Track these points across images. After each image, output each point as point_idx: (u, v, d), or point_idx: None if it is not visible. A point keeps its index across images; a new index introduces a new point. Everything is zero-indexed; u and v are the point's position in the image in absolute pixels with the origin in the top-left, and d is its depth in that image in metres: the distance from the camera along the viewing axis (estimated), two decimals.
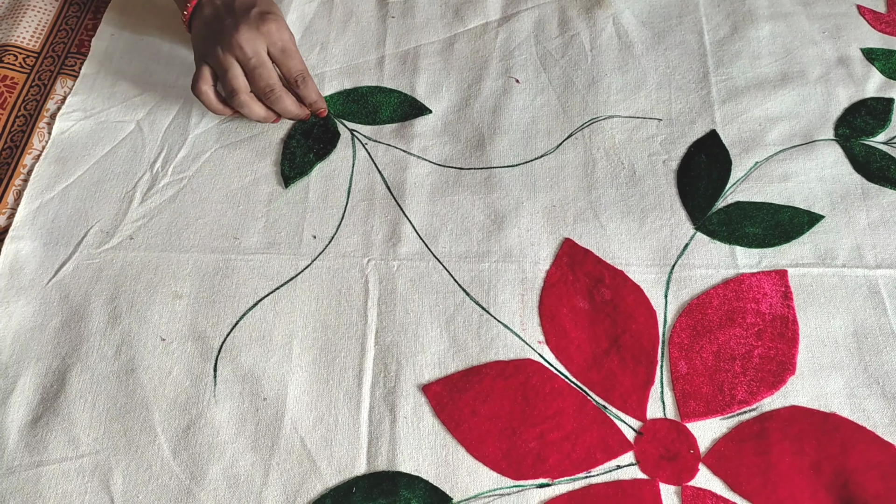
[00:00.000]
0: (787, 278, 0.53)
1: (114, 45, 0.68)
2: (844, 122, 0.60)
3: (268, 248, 0.56)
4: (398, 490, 0.46)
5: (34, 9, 0.69)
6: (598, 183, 0.58)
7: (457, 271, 0.54)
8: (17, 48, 0.66)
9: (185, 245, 0.56)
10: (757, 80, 0.63)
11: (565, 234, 0.56)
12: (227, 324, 0.52)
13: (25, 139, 0.61)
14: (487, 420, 0.48)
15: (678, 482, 0.46)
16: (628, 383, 0.50)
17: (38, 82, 0.65)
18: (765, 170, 0.58)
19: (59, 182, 0.59)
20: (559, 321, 0.52)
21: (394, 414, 0.49)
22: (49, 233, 0.57)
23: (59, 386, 0.50)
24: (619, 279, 0.53)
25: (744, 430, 0.48)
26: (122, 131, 0.62)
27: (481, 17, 0.69)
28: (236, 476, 0.47)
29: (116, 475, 0.47)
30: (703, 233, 0.56)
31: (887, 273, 0.53)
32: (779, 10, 0.68)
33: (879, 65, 0.63)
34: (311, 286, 0.54)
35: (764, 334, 0.51)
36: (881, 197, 0.57)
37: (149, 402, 0.50)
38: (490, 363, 0.51)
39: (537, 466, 0.47)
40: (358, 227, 0.57)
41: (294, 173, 0.59)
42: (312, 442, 0.48)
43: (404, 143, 0.61)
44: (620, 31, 0.67)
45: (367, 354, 0.51)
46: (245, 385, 0.50)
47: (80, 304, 0.53)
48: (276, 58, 0.57)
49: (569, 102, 0.63)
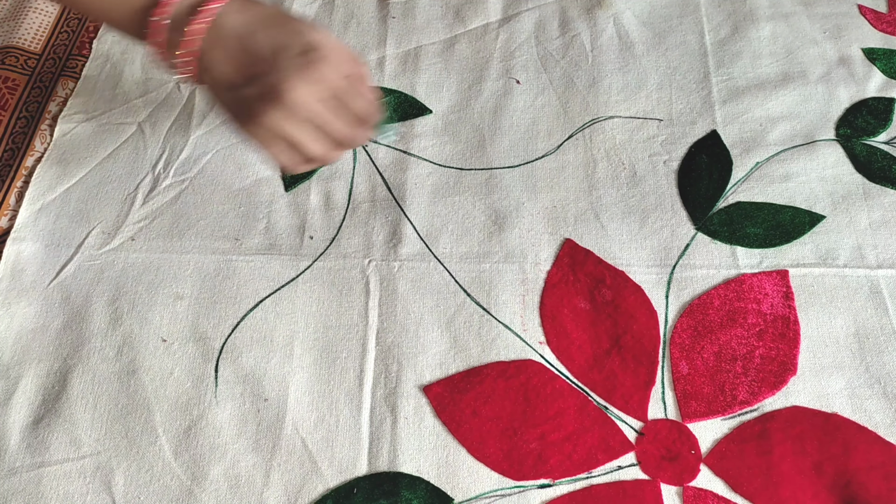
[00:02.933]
0: (788, 278, 0.53)
1: (115, 47, 0.68)
2: (846, 122, 0.60)
3: (269, 249, 0.56)
4: (399, 491, 0.46)
5: (36, 11, 0.69)
6: (599, 183, 0.58)
7: (458, 272, 0.54)
8: (18, 50, 0.66)
9: (187, 246, 0.56)
10: (758, 80, 0.63)
11: (566, 234, 0.56)
12: (228, 325, 0.53)
13: (27, 141, 0.61)
14: (488, 421, 0.48)
15: (679, 483, 0.46)
16: (629, 384, 0.50)
17: (40, 84, 0.65)
18: (766, 170, 0.58)
19: (60, 184, 0.59)
20: (560, 322, 0.52)
21: (395, 414, 0.49)
22: (51, 234, 0.57)
23: (61, 387, 0.50)
24: (620, 280, 0.53)
25: (745, 431, 0.48)
26: (123, 133, 0.62)
27: (482, 18, 0.69)
28: (237, 477, 0.47)
29: (118, 476, 0.47)
30: (704, 233, 0.55)
31: (889, 273, 0.53)
32: (780, 10, 0.68)
33: (880, 65, 0.63)
34: (313, 287, 0.54)
35: (765, 335, 0.51)
36: (882, 197, 0.56)
37: (150, 403, 0.50)
38: (491, 364, 0.51)
39: (538, 467, 0.47)
40: (359, 228, 0.57)
41: (295, 175, 0.59)
42: (314, 442, 0.48)
43: (404, 143, 0.61)
44: (621, 31, 0.67)
45: (369, 355, 0.51)
46: (246, 386, 0.50)
47: (82, 306, 0.53)
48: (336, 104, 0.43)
49: (569, 103, 0.63)
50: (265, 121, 0.40)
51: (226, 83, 0.42)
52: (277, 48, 0.41)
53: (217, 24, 0.41)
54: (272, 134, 0.41)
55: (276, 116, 0.40)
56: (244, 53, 0.41)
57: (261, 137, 0.41)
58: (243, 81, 0.41)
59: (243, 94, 0.41)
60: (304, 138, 0.42)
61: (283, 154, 0.43)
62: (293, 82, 0.40)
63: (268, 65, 0.40)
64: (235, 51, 0.41)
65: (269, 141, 0.42)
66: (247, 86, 0.41)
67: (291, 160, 0.43)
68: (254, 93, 0.40)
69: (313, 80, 0.40)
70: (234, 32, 0.41)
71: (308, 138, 0.42)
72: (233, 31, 0.41)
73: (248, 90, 0.41)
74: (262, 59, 0.41)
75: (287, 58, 0.40)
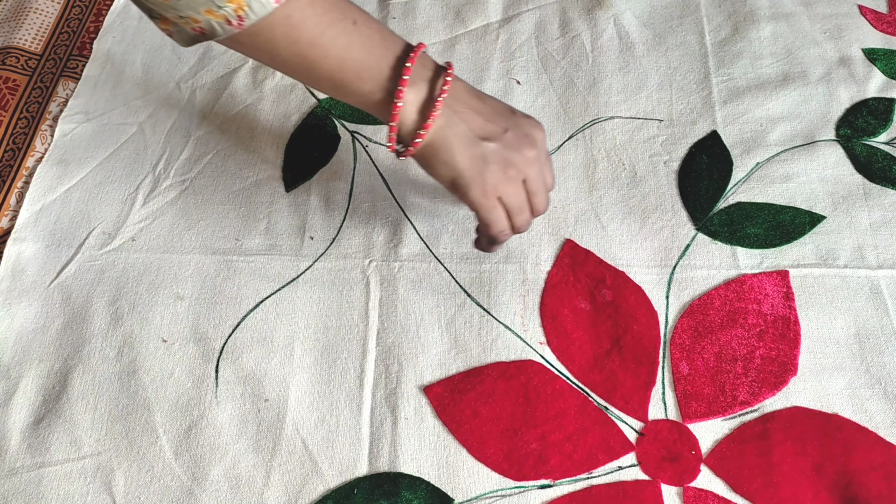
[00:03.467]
0: (788, 279, 0.53)
1: (116, 48, 0.68)
2: (846, 123, 0.60)
3: (269, 249, 0.56)
4: (400, 491, 0.46)
5: (36, 11, 0.69)
6: (600, 184, 0.58)
7: (458, 272, 0.54)
8: (19, 50, 0.66)
9: (187, 247, 0.56)
10: (758, 80, 0.63)
11: (566, 235, 0.56)
12: (228, 325, 0.53)
13: (28, 141, 0.61)
14: (489, 421, 0.48)
15: (680, 483, 0.46)
16: (630, 384, 0.50)
17: (41, 84, 0.65)
18: (766, 170, 0.58)
19: (61, 184, 0.59)
20: (560, 322, 0.52)
21: (395, 415, 0.49)
22: (51, 235, 0.57)
23: (62, 387, 0.50)
24: (621, 280, 0.53)
25: (745, 431, 0.48)
26: (124, 133, 0.62)
27: (482, 19, 0.69)
28: (238, 477, 0.47)
29: (118, 476, 0.47)
30: (704, 233, 0.55)
31: (889, 273, 0.53)
32: (780, 10, 0.68)
33: (881, 65, 0.63)
34: (313, 288, 0.54)
35: (765, 335, 0.51)
36: (883, 197, 0.56)
37: (150, 403, 0.50)
38: (491, 364, 0.51)
39: (539, 467, 0.47)
40: (359, 229, 0.57)
41: (295, 175, 0.59)
42: (314, 443, 0.48)
43: None
44: (621, 31, 0.67)
45: (369, 356, 0.51)
46: (246, 386, 0.50)
47: (82, 306, 0.53)
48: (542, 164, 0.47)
49: (570, 103, 0.63)
50: (512, 171, 0.44)
51: (472, 137, 0.44)
52: (509, 110, 0.46)
53: (454, 86, 0.44)
54: (511, 186, 0.45)
55: (521, 165, 0.44)
56: (483, 112, 0.45)
57: (493, 192, 0.44)
58: (489, 135, 0.44)
59: (494, 145, 0.44)
60: (540, 190, 0.46)
61: (503, 216, 0.46)
62: (535, 136, 0.45)
63: (506, 121, 0.45)
64: (476, 109, 0.45)
65: (496, 199, 0.45)
66: (496, 138, 0.44)
67: (506, 222, 0.46)
68: (503, 145, 0.44)
69: (542, 138, 0.46)
70: (470, 95, 0.45)
71: (541, 187, 0.46)
72: (468, 94, 0.45)
73: (499, 142, 0.44)
74: (498, 116, 0.45)
75: (520, 117, 0.46)
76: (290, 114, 0.63)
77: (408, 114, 0.43)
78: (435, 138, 0.43)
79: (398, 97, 0.42)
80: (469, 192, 0.44)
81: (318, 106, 0.63)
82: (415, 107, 0.43)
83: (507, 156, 0.44)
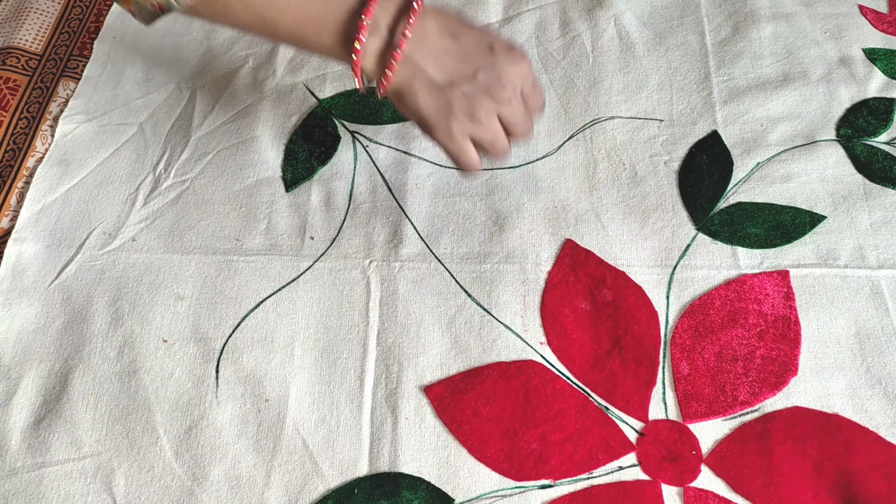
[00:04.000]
0: (789, 279, 0.53)
1: (116, 48, 0.68)
2: (846, 123, 0.60)
3: (270, 249, 0.56)
4: (400, 491, 0.46)
5: (37, 11, 0.69)
6: (600, 184, 0.58)
7: (458, 272, 0.54)
8: (19, 50, 0.66)
9: (188, 247, 0.56)
10: (758, 80, 0.63)
11: (567, 235, 0.56)
12: (229, 325, 0.53)
13: (28, 141, 0.62)
14: (489, 421, 0.48)
15: (680, 483, 0.46)
16: (630, 384, 0.50)
17: (41, 85, 0.65)
18: (766, 170, 0.58)
19: (61, 184, 0.59)
20: (561, 322, 0.52)
21: (395, 415, 0.49)
22: (52, 235, 0.57)
23: (62, 387, 0.50)
24: (621, 280, 0.53)
25: (746, 431, 0.48)
26: (124, 134, 0.62)
27: (482, 19, 0.69)
28: (238, 477, 0.47)
29: (119, 476, 0.47)
30: (704, 233, 0.55)
31: (890, 274, 0.53)
32: (780, 10, 0.68)
33: (881, 65, 0.63)
34: (313, 288, 0.54)
35: (766, 335, 0.51)
36: (883, 197, 0.56)
37: (151, 403, 0.50)
38: (492, 364, 0.51)
39: (539, 467, 0.47)
40: (359, 229, 0.57)
41: (296, 175, 0.59)
42: (314, 443, 0.48)
43: (405, 144, 0.61)
44: (622, 32, 0.67)
45: (369, 356, 0.51)
46: (247, 386, 0.50)
47: (83, 306, 0.53)
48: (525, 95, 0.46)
49: (570, 103, 0.63)
50: (480, 114, 0.43)
51: (436, 84, 0.43)
52: (486, 47, 0.44)
53: (421, 27, 0.42)
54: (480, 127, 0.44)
55: (491, 108, 0.43)
56: (453, 54, 0.43)
57: (460, 134, 0.44)
58: (456, 80, 0.43)
59: (461, 91, 0.43)
60: (516, 122, 0.45)
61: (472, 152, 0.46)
62: (511, 76, 0.43)
63: (478, 62, 0.43)
64: (444, 51, 0.43)
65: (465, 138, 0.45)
66: (464, 83, 0.43)
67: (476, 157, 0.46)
68: (471, 90, 0.43)
69: (521, 74, 0.44)
70: (440, 34, 0.43)
71: (519, 119, 0.45)
72: (439, 34, 0.43)
73: (467, 87, 0.43)
74: (471, 57, 0.43)
75: (499, 54, 0.44)
76: (291, 114, 0.63)
77: (368, 65, 0.43)
78: (399, 85, 0.43)
79: (355, 52, 0.41)
80: (435, 136, 0.45)
81: (318, 106, 0.63)
82: (374, 58, 0.42)
83: (474, 100, 0.43)
